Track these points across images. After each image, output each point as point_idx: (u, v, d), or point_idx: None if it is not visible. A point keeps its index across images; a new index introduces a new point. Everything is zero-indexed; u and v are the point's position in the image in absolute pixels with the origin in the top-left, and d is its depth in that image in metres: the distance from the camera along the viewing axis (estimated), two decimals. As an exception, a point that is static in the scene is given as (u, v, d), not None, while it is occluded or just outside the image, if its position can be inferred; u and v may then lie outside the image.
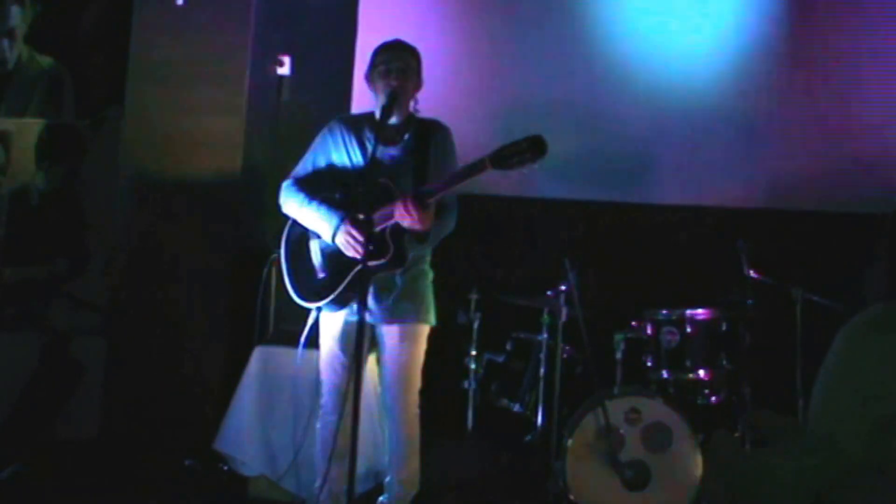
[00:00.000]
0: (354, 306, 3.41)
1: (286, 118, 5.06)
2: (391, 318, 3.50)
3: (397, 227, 3.31)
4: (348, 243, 3.33)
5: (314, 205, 3.45)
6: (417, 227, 3.27)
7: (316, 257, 3.49)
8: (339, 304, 3.45)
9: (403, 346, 3.51)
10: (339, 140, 3.55)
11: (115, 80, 4.97)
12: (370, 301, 3.44)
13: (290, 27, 5.12)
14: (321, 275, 3.47)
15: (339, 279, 3.40)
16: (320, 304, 3.46)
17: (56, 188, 5.20)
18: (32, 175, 5.17)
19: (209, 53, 4.73)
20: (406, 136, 3.53)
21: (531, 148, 3.14)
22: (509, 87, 4.97)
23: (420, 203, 3.24)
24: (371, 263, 3.21)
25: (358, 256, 3.28)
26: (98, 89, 5.25)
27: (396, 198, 3.29)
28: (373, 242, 3.21)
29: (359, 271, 3.26)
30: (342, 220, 3.36)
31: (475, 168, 3.22)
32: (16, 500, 4.10)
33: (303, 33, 5.13)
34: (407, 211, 3.23)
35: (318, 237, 3.48)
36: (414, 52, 3.52)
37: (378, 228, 3.29)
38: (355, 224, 3.32)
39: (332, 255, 3.44)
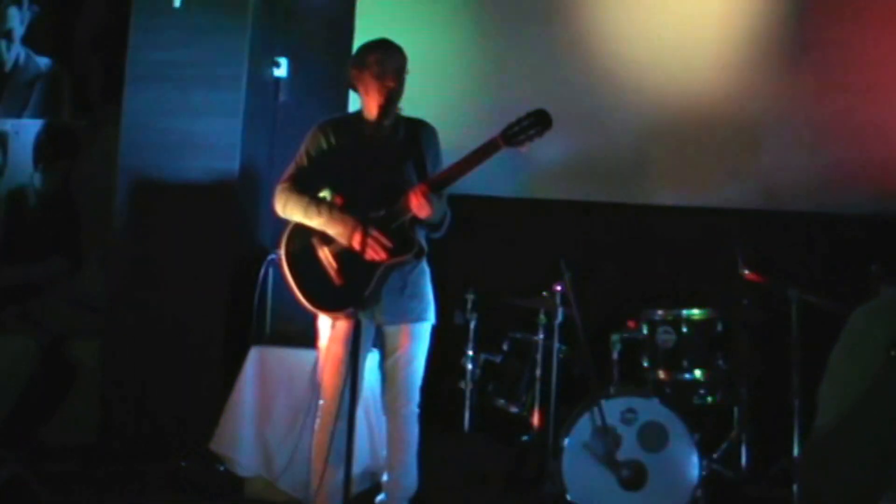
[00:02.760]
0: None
1: (283, 120, 5.07)
2: (400, 318, 3.50)
3: (413, 219, 3.35)
4: (370, 244, 3.27)
5: (323, 208, 3.40)
6: (434, 216, 3.32)
7: (329, 264, 3.42)
8: (365, 306, 3.33)
9: (410, 345, 3.51)
10: (332, 142, 3.52)
11: (113, 82, 4.98)
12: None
13: (286, 29, 5.14)
14: (339, 281, 3.40)
15: (362, 281, 3.32)
16: (348, 310, 3.36)
17: (53, 189, 5.20)
18: (30, 176, 5.17)
19: (206, 55, 4.74)
20: (399, 134, 3.54)
21: (538, 122, 3.23)
22: (506, 88, 4.96)
23: (435, 192, 3.29)
24: (394, 260, 3.31)
25: (382, 256, 3.29)
26: (95, 90, 5.26)
27: (406, 191, 3.32)
28: (393, 239, 3.29)
29: (383, 270, 3.33)
30: (358, 221, 3.31)
31: (489, 148, 3.27)
32: (12, 503, 4.09)
33: (299, 35, 5.14)
34: (424, 202, 3.26)
35: (327, 244, 3.43)
36: (403, 53, 3.53)
37: (396, 224, 3.34)
38: (374, 223, 3.29)
39: (348, 259, 3.38)
